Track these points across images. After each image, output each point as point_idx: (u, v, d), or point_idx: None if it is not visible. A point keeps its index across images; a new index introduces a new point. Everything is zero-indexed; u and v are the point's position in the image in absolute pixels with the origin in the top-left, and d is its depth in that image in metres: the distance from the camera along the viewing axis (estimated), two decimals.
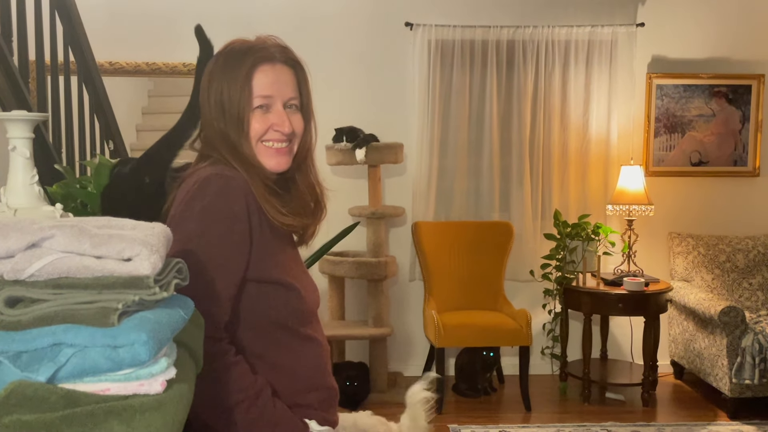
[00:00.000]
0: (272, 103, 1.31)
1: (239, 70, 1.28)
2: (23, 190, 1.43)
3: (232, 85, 1.28)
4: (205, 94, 1.32)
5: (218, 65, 1.31)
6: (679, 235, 4.36)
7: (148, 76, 4.26)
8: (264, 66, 1.30)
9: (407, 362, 4.42)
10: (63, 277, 0.88)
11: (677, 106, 4.42)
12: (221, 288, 1.20)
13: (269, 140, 1.31)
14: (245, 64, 1.29)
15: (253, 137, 1.30)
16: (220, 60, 1.32)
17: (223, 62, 1.31)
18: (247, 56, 1.29)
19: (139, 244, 0.90)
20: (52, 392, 0.82)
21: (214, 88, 1.30)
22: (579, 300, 3.98)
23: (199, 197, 1.22)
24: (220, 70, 1.30)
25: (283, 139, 1.32)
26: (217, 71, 1.31)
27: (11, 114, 1.42)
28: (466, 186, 4.33)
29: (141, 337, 0.86)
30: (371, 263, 3.88)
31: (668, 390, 4.22)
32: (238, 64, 1.29)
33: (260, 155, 1.31)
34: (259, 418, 1.22)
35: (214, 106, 1.30)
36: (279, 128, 1.31)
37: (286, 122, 1.31)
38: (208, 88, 1.31)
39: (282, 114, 1.31)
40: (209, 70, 1.33)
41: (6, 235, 0.86)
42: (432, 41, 4.22)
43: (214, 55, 1.36)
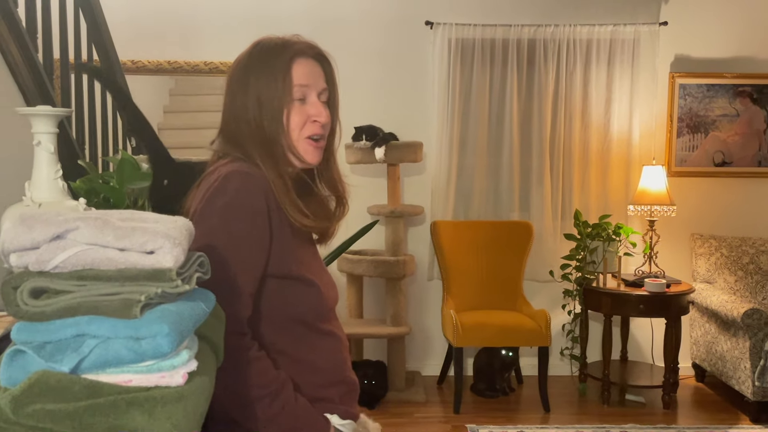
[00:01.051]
0: (308, 93, 1.32)
1: (277, 62, 1.29)
2: (47, 185, 1.45)
3: (271, 77, 1.28)
4: (238, 90, 1.31)
5: (253, 60, 1.31)
6: (701, 236, 4.31)
7: (169, 74, 4.30)
8: (300, 59, 1.31)
9: (425, 361, 4.41)
10: (87, 268, 0.89)
11: (700, 105, 4.36)
12: (243, 283, 1.21)
13: (309, 134, 1.32)
14: (284, 56, 1.29)
15: (292, 130, 1.31)
16: (254, 56, 1.32)
17: (258, 56, 1.31)
18: (284, 50, 1.30)
19: (162, 237, 0.91)
20: (76, 382, 0.83)
21: (251, 83, 1.29)
22: (599, 301, 3.95)
23: (220, 194, 1.22)
24: (256, 64, 1.30)
25: (319, 131, 1.33)
26: (254, 66, 1.30)
27: (36, 109, 1.44)
28: (485, 185, 4.32)
29: (163, 329, 0.86)
30: (390, 262, 3.88)
31: (689, 393, 4.17)
32: (276, 56, 1.29)
33: (301, 149, 1.32)
34: (281, 413, 1.23)
35: (251, 101, 1.29)
36: (317, 118, 1.31)
37: (323, 112, 1.32)
38: (243, 84, 1.30)
39: (318, 104, 1.33)
40: (243, 66, 1.32)
41: (31, 227, 0.87)
42: (452, 40, 4.21)
43: (245, 52, 1.34)
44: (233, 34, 4.14)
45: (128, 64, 4.00)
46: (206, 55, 4.18)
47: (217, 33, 4.18)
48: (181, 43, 4.17)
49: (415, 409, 3.84)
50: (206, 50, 4.18)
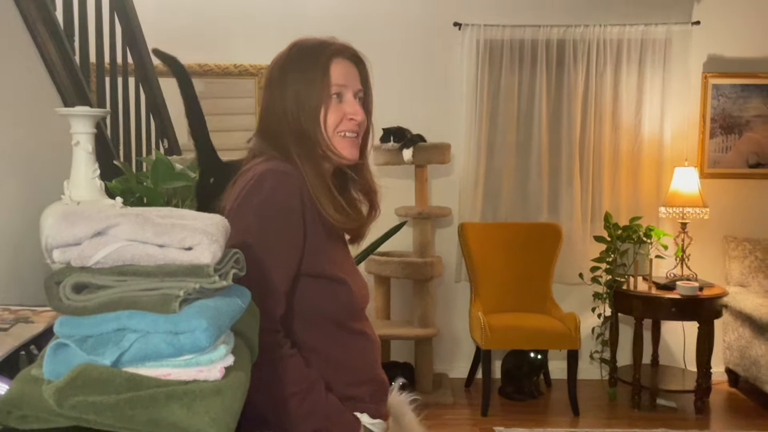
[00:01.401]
0: (345, 92, 1.34)
1: (316, 61, 1.31)
2: (86, 184, 1.48)
3: (309, 76, 1.31)
4: (276, 88, 1.34)
5: (292, 59, 1.34)
6: (735, 239, 4.23)
7: (200, 77, 4.35)
8: (337, 58, 1.34)
9: (453, 363, 4.39)
10: (127, 264, 0.91)
11: (734, 106, 4.29)
12: (277, 281, 1.22)
13: (343, 130, 1.34)
14: (323, 55, 1.32)
15: (329, 127, 1.32)
16: (292, 55, 1.34)
17: (296, 56, 1.34)
18: (322, 50, 1.33)
19: (200, 234, 0.92)
20: (117, 375, 0.85)
21: (290, 82, 1.32)
22: (630, 304, 3.90)
23: (255, 192, 1.24)
24: (295, 64, 1.33)
25: (355, 129, 1.35)
26: (292, 65, 1.33)
27: (75, 110, 1.47)
28: (513, 187, 4.29)
29: (201, 324, 0.87)
30: (417, 263, 3.88)
31: (722, 398, 4.09)
32: (314, 56, 1.32)
33: (338, 145, 1.33)
34: (312, 411, 1.23)
35: (290, 99, 1.32)
36: (353, 116, 1.33)
37: (359, 110, 1.35)
38: (282, 83, 1.33)
39: (354, 103, 1.35)
40: (281, 65, 1.34)
41: (74, 223, 0.89)
42: (480, 41, 4.20)
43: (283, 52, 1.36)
44: (262, 38, 4.18)
45: (159, 67, 4.05)
46: (236, 58, 4.23)
47: (247, 36, 4.22)
48: (211, 46, 4.21)
49: (443, 412, 3.83)
50: (236, 53, 4.23)
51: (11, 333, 1.10)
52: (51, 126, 1.86)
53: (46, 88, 1.87)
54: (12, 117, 1.71)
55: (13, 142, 1.71)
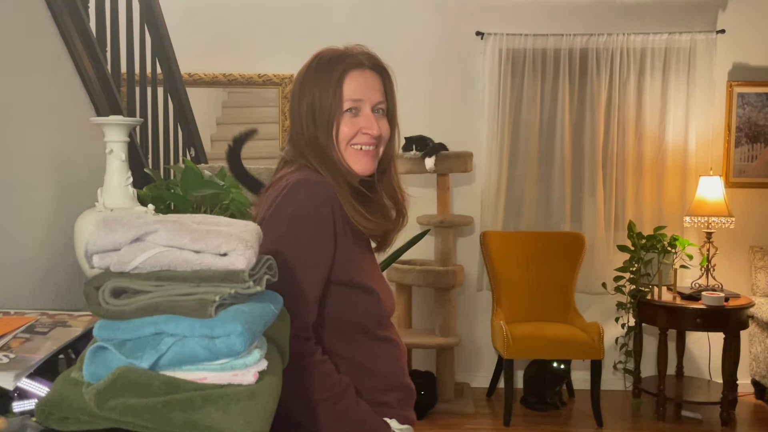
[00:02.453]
0: (361, 106, 1.35)
1: (330, 75, 1.32)
2: (119, 191, 1.51)
3: (323, 90, 1.32)
4: (296, 101, 1.37)
5: (310, 73, 1.36)
6: (761, 249, 4.18)
7: (224, 87, 4.41)
8: (354, 72, 1.34)
9: (474, 373, 4.38)
10: (164, 269, 0.93)
11: (760, 114, 4.25)
12: (308, 289, 1.23)
13: (357, 143, 1.34)
14: (336, 69, 1.33)
15: (341, 141, 1.34)
16: (311, 68, 1.36)
17: (314, 69, 1.35)
18: (338, 63, 1.34)
19: (235, 240, 0.94)
20: (155, 378, 0.87)
21: (306, 94, 1.34)
22: (654, 314, 3.86)
23: (288, 202, 1.26)
24: (311, 76, 1.35)
25: (372, 142, 1.36)
26: (309, 78, 1.35)
27: (110, 119, 1.50)
28: (536, 195, 4.28)
29: (237, 329, 0.89)
30: (439, 272, 3.88)
31: (749, 410, 4.03)
32: (330, 69, 1.33)
33: (348, 158, 1.35)
34: (344, 417, 1.25)
35: (305, 112, 1.34)
36: (368, 131, 1.34)
37: (375, 125, 1.35)
38: (299, 95, 1.36)
39: (371, 117, 1.35)
40: (300, 79, 1.37)
41: (113, 229, 0.91)
42: (503, 50, 4.21)
43: (307, 62, 1.39)
44: (286, 47, 4.22)
45: (185, 77, 4.11)
46: (260, 68, 4.28)
47: (271, 46, 4.27)
48: (235, 55, 4.27)
49: (465, 421, 3.82)
50: (260, 63, 4.28)
51: (50, 336, 1.13)
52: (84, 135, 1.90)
53: (80, 98, 1.91)
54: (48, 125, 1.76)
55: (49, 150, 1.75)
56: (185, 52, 3.89)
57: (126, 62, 2.34)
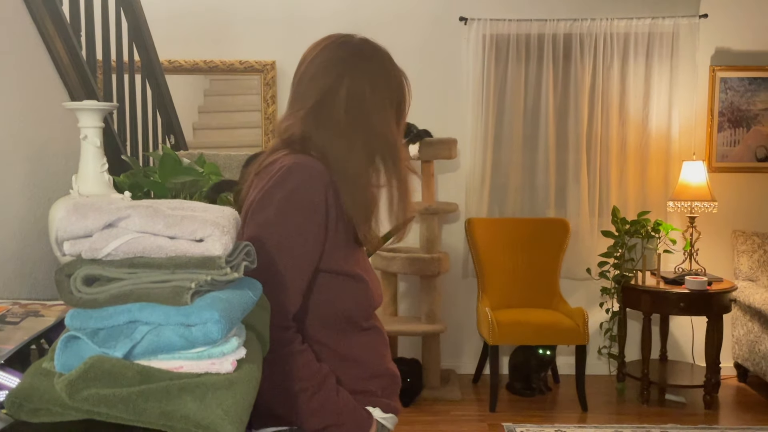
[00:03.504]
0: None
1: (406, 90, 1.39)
2: (94, 178, 1.47)
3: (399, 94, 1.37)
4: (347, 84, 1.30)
5: (376, 66, 1.35)
6: (743, 233, 4.21)
7: (205, 73, 4.35)
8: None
9: (460, 359, 4.38)
10: (138, 256, 0.90)
11: (742, 99, 4.26)
12: (293, 278, 1.20)
13: None
14: (408, 89, 1.40)
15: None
16: (377, 60, 1.36)
17: (393, 67, 1.38)
18: (407, 83, 1.41)
19: (211, 225, 0.92)
20: (129, 368, 0.84)
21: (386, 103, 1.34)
22: (638, 299, 3.88)
23: (280, 185, 1.21)
24: (384, 73, 1.35)
25: None
26: (391, 71, 1.37)
27: (83, 103, 1.46)
28: (520, 182, 4.28)
29: (213, 316, 0.87)
30: (424, 259, 3.87)
31: (731, 393, 4.07)
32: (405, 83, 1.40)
33: None
34: (323, 406, 1.22)
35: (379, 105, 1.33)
36: None
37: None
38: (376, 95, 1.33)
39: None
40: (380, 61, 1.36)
41: (85, 215, 0.89)
42: (487, 36, 4.18)
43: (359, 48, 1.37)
44: (268, 34, 4.17)
45: (165, 64, 4.05)
46: (241, 54, 4.22)
47: (252, 32, 4.21)
48: (216, 42, 4.21)
49: (451, 407, 3.82)
50: (241, 49, 4.22)
51: (21, 327, 1.10)
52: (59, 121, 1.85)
53: (53, 84, 1.87)
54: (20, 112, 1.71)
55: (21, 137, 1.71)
56: (165, 38, 3.83)
57: (102, 48, 2.30)
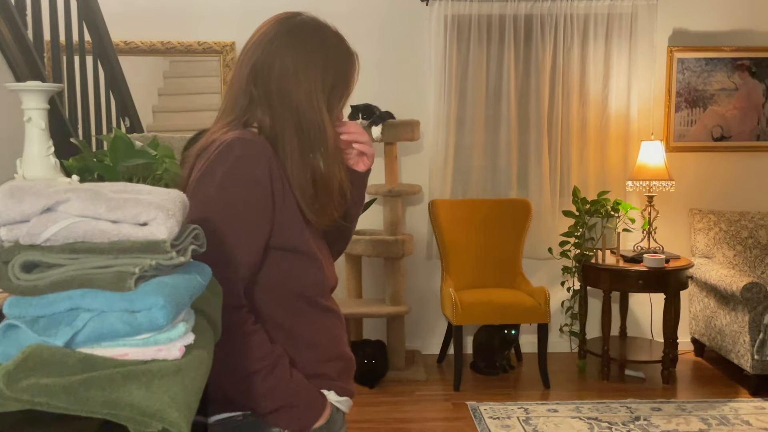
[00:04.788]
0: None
1: (349, 70, 1.34)
2: (39, 162, 1.43)
3: (342, 79, 1.32)
4: (307, 65, 1.28)
5: (328, 48, 1.31)
6: (700, 212, 4.30)
7: (162, 55, 4.25)
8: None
9: (425, 340, 4.41)
10: (79, 241, 0.87)
11: (699, 80, 4.33)
12: (241, 254, 1.18)
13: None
14: (351, 57, 1.35)
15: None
16: (329, 42, 1.32)
17: (334, 40, 1.33)
18: (348, 47, 1.36)
19: (155, 209, 0.89)
20: (70, 356, 0.82)
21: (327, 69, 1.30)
22: (598, 277, 3.95)
23: (220, 162, 1.19)
24: (332, 54, 1.31)
25: None
26: (329, 57, 1.31)
27: (26, 84, 1.41)
28: (483, 163, 4.29)
29: (158, 301, 0.84)
30: (388, 241, 3.87)
31: (688, 367, 4.18)
32: (347, 61, 1.34)
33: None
34: (276, 388, 1.21)
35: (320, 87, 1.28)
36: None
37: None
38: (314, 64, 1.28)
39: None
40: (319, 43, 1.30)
41: (21, 199, 0.85)
42: (448, 16, 4.16)
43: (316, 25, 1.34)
44: (227, 14, 4.09)
45: (121, 45, 3.95)
46: (199, 35, 4.14)
47: (211, 12, 4.12)
48: (173, 22, 4.11)
49: (416, 388, 3.85)
50: (200, 30, 4.13)
51: None
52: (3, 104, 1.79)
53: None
54: None
55: None
56: (121, 18, 3.73)
57: (50, 28, 2.22)
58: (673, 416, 3.41)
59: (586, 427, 3.30)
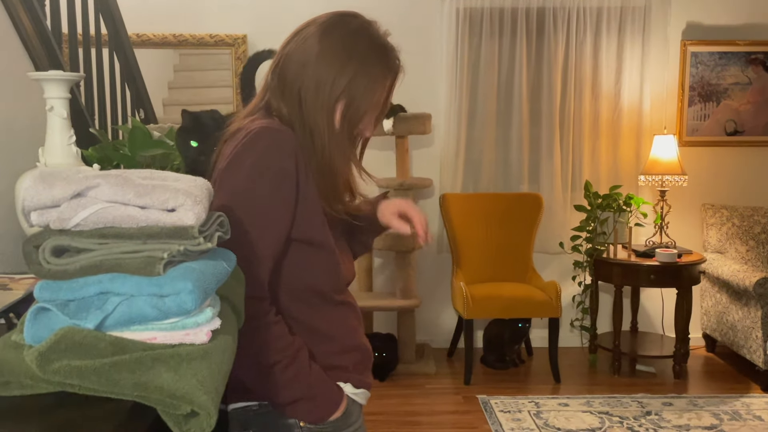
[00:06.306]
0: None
1: (383, 74, 1.28)
2: (61, 151, 1.44)
3: (369, 87, 1.26)
4: (327, 65, 1.23)
5: (358, 47, 1.26)
6: (712, 206, 4.28)
7: (174, 47, 4.26)
8: (397, 80, 1.32)
9: (435, 334, 4.42)
10: (108, 226, 0.88)
11: (712, 74, 4.31)
12: (265, 246, 1.18)
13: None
14: (389, 71, 1.29)
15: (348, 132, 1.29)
16: (361, 43, 1.26)
17: (365, 52, 1.26)
18: (391, 61, 1.30)
19: (183, 195, 0.90)
20: (101, 339, 0.83)
21: (347, 74, 1.23)
22: (610, 272, 3.94)
23: (248, 152, 1.18)
24: (361, 59, 1.25)
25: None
26: (358, 54, 1.25)
27: (48, 74, 1.42)
28: (494, 157, 4.29)
29: (186, 286, 0.85)
30: (399, 235, 3.86)
31: (700, 363, 4.17)
32: (383, 63, 1.28)
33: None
34: (295, 380, 1.21)
35: (338, 90, 1.23)
36: (367, 135, 1.36)
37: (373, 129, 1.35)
38: (339, 67, 1.23)
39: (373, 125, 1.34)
40: (343, 43, 1.25)
41: (52, 185, 0.86)
42: (460, 10, 4.15)
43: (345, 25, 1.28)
44: (239, 7, 4.09)
45: (133, 38, 3.96)
46: (211, 28, 4.14)
47: (223, 5, 4.13)
48: (186, 15, 4.12)
49: (426, 381, 3.86)
50: (211, 23, 4.14)
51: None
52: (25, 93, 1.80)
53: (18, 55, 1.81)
54: None
55: None
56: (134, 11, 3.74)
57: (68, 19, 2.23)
58: (685, 411, 3.41)
59: (597, 422, 3.30)
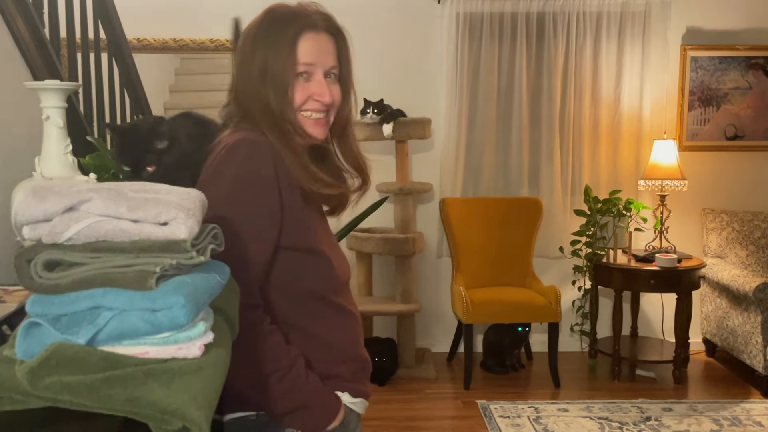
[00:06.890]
0: (314, 71, 1.28)
1: (284, 35, 1.25)
2: (57, 160, 1.44)
3: (276, 51, 1.25)
4: (245, 59, 1.28)
5: (261, 30, 1.28)
6: (712, 211, 4.28)
7: (175, 52, 4.27)
8: (308, 33, 1.27)
9: (435, 338, 4.41)
10: (100, 240, 0.88)
11: (712, 78, 4.31)
12: (254, 254, 1.19)
13: (308, 110, 1.29)
14: (290, 29, 1.25)
15: (295, 105, 1.27)
16: (263, 25, 1.28)
17: (266, 27, 1.27)
18: (292, 22, 1.26)
19: (176, 208, 0.90)
20: (92, 354, 0.82)
21: (257, 54, 1.26)
22: (609, 276, 3.93)
23: (227, 163, 1.20)
24: (263, 35, 1.27)
25: (322, 109, 1.29)
26: (261, 36, 1.27)
27: (45, 83, 1.42)
28: (494, 161, 4.28)
29: (179, 300, 0.85)
30: (399, 239, 3.87)
31: (700, 368, 4.16)
32: (283, 29, 1.26)
33: (304, 124, 1.29)
34: (292, 389, 1.21)
35: (257, 73, 1.26)
36: (319, 98, 1.28)
37: (327, 91, 1.28)
38: (251, 54, 1.27)
39: (323, 83, 1.28)
40: (251, 35, 1.29)
41: (44, 198, 0.86)
42: (460, 14, 4.16)
43: (257, 17, 1.31)
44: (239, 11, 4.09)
45: (134, 42, 3.96)
46: (212, 33, 4.14)
47: (223, 9, 4.13)
48: (186, 20, 4.13)
49: (426, 386, 3.86)
50: (212, 28, 4.14)
51: None
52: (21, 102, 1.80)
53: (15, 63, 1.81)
54: None
55: None
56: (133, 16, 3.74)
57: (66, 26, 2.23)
58: (685, 417, 3.40)
59: (597, 427, 3.29)
